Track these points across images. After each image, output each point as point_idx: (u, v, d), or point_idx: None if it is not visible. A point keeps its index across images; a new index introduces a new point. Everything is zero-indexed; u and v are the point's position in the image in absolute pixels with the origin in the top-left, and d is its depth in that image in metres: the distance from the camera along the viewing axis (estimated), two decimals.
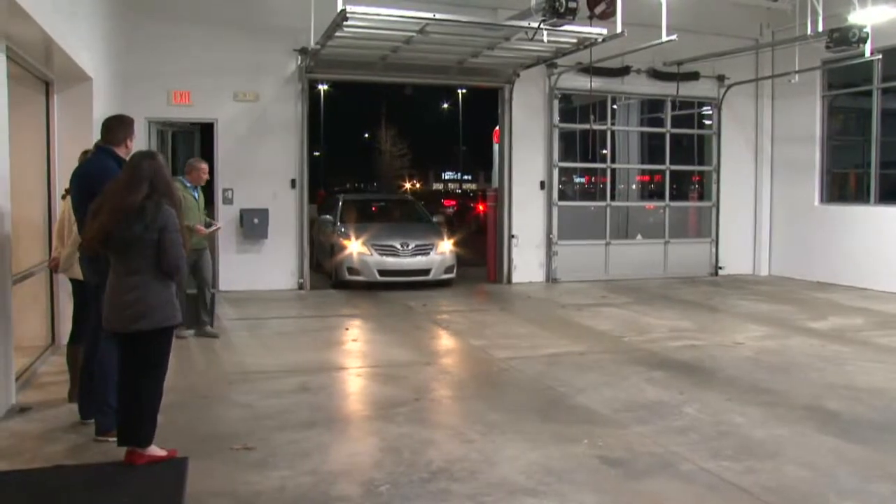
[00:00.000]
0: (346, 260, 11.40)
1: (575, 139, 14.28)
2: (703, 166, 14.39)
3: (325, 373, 6.72)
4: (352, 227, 11.98)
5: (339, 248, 11.61)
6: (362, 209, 13.58)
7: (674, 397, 5.96)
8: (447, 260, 11.71)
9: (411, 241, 11.58)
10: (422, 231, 12.17)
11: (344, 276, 11.44)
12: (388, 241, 11.49)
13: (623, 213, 14.02)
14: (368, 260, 11.32)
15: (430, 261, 11.55)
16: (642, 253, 13.52)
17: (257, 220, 11.37)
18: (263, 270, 11.49)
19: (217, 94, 11.28)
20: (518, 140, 12.82)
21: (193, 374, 6.58)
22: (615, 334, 8.52)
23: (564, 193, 13.71)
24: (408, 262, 11.43)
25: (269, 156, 11.48)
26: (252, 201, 11.39)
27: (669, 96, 13.53)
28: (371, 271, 11.32)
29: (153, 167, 4.28)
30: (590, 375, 6.66)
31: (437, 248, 11.68)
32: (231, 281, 11.39)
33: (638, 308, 10.28)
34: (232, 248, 11.47)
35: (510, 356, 7.37)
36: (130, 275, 4.20)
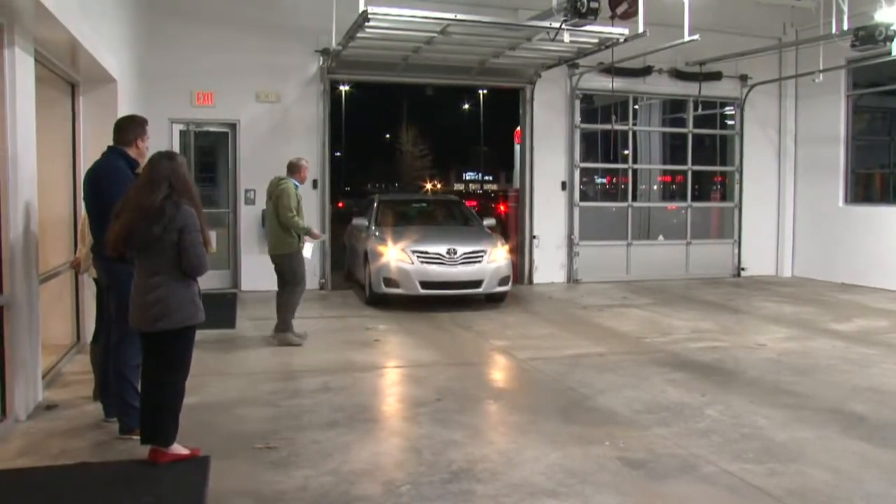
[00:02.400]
0: (383, 269, 9.76)
1: (596, 139, 14.20)
2: (725, 167, 14.26)
3: (346, 373, 6.71)
4: (389, 231, 10.45)
5: (374, 256, 9.97)
6: (401, 211, 11.88)
7: (696, 399, 5.91)
8: (501, 270, 9.94)
9: (459, 247, 9.86)
10: (471, 236, 10.47)
11: (380, 289, 9.80)
12: (433, 247, 9.83)
13: (645, 214, 13.93)
14: (409, 270, 9.63)
15: (481, 270, 9.80)
16: (664, 254, 13.42)
17: None
18: None
19: (239, 94, 11.34)
20: (539, 140, 12.77)
21: (215, 374, 6.61)
22: (637, 335, 8.47)
23: (586, 194, 13.65)
24: (456, 273, 9.70)
25: (291, 156, 11.26)
26: None
27: (691, 96, 13.42)
28: (412, 283, 9.65)
29: (171, 167, 4.29)
30: (611, 376, 6.63)
31: (489, 255, 9.90)
32: (253, 281, 11.41)
33: (660, 309, 10.22)
34: (254, 248, 11.50)
35: (532, 357, 7.35)
36: (152, 275, 4.23)
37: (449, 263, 9.71)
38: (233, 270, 11.56)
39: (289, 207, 7.70)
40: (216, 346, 7.66)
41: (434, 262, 9.70)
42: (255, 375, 6.62)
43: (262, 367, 6.97)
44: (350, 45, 10.31)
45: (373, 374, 6.74)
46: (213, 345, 7.66)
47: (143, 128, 5.01)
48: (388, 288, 9.75)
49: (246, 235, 11.50)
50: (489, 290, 9.87)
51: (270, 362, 7.15)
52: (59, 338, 6.95)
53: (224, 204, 11.68)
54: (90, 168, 4.97)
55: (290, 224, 7.73)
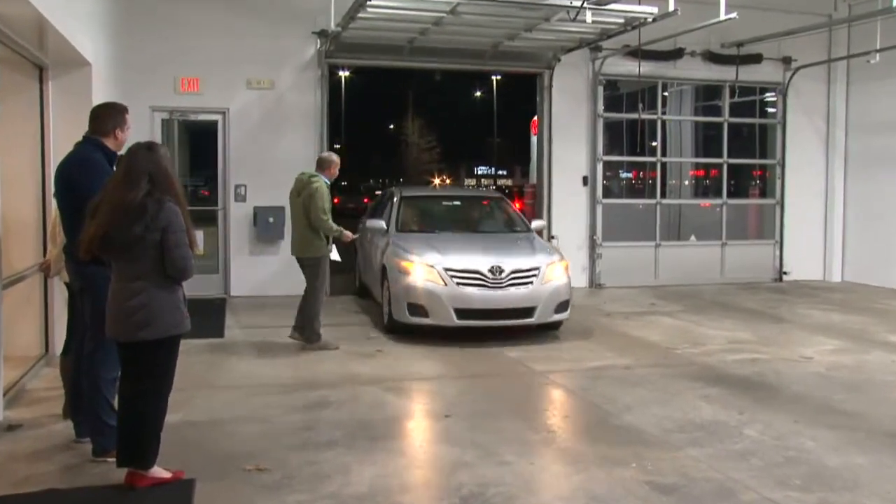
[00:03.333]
0: (407, 293, 8.36)
1: (621, 130, 14.15)
2: (765, 159, 14.17)
3: (346, 386, 6.70)
4: (414, 239, 9.09)
5: (395, 274, 8.56)
6: (428, 211, 10.55)
7: (733, 417, 5.87)
8: (560, 292, 8.54)
9: (506, 262, 8.40)
10: (520, 246, 9.08)
11: (403, 317, 8.41)
12: (472, 262, 8.37)
13: (675, 212, 13.86)
14: (441, 294, 8.22)
15: (534, 294, 8.34)
16: (696, 256, 13.35)
17: (272, 219, 11.40)
18: (279, 274, 11.45)
19: (229, 81, 11.35)
20: (558, 131, 12.73)
21: (202, 387, 6.59)
22: (666, 346, 8.43)
23: (610, 190, 13.59)
24: (501, 298, 8.25)
25: (286, 148, 11.50)
26: (267, 198, 11.39)
27: (728, 82, 13.34)
28: (444, 311, 8.22)
29: (152, 160, 4.26)
30: (638, 391, 6.60)
31: (544, 273, 8.45)
32: (243, 285, 11.44)
33: (692, 317, 10.17)
34: (244, 249, 11.53)
35: (550, 369, 7.33)
36: (133, 279, 4.21)
37: (493, 285, 8.23)
38: (222, 274, 11.57)
39: (322, 209, 7.88)
40: (203, 357, 7.64)
41: (474, 284, 8.23)
42: (246, 389, 6.60)
43: (253, 379, 6.96)
44: (350, 26, 10.30)
45: (375, 388, 6.71)
46: (199, 355, 7.63)
47: (123, 116, 4.97)
48: (413, 317, 8.36)
49: (236, 235, 11.50)
50: (543, 319, 8.45)
51: (263, 375, 7.14)
52: (25, 349, 6.85)
53: (212, 201, 11.69)
54: (62, 161, 4.92)
55: (323, 228, 7.93)
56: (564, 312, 8.68)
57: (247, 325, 9.45)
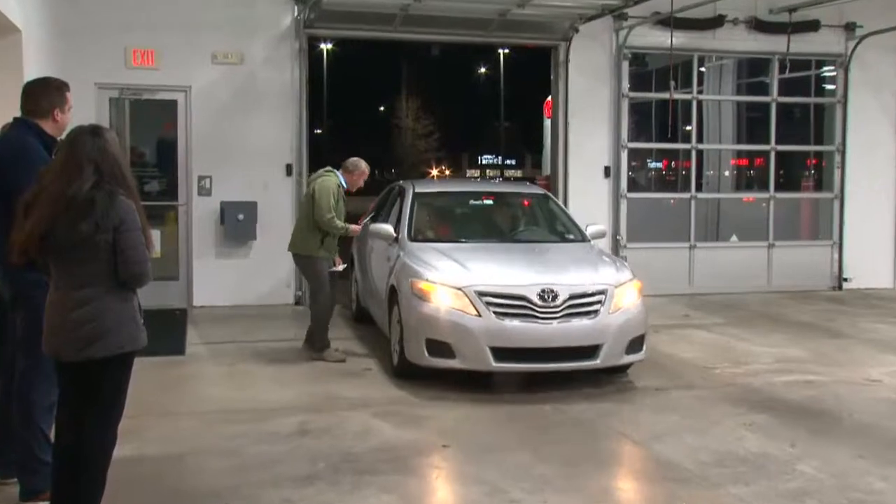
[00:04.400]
0: (426, 325, 7.39)
1: (650, 112, 14.13)
2: (822, 146, 14.13)
3: (329, 412, 6.69)
4: (434, 252, 8.12)
5: (408, 298, 7.61)
6: (452, 213, 9.78)
7: (783, 450, 5.84)
8: (633, 324, 7.58)
9: (560, 283, 7.41)
10: (576, 260, 8.22)
11: (420, 358, 7.42)
12: (515, 284, 7.40)
13: (713, 208, 13.84)
14: (473, 327, 7.20)
15: (599, 328, 7.36)
16: (738, 259, 13.30)
17: (243, 217, 11.37)
18: (250, 280, 11.47)
19: (190, 54, 11.30)
20: (576, 114, 12.70)
21: (158, 414, 6.55)
22: (703, 364, 8.41)
23: (636, 182, 13.57)
24: (555, 333, 7.26)
25: (258, 134, 11.49)
26: (236, 192, 11.39)
27: (777, 54, 13.30)
28: (478, 350, 7.19)
29: (98, 146, 4.20)
30: (670, 417, 6.58)
31: (612, 298, 7.51)
32: (209, 294, 11.39)
33: (733, 331, 10.15)
34: (209, 251, 11.49)
35: (566, 391, 7.30)
36: (78, 287, 4.15)
37: (543, 316, 7.23)
38: (183, 281, 11.53)
39: (327, 207, 8.23)
40: (160, 378, 7.58)
41: (518, 314, 7.24)
42: (211, 415, 6.57)
43: (220, 404, 6.93)
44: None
45: (362, 413, 6.69)
46: (155, 376, 7.55)
47: (63, 94, 4.91)
48: (434, 357, 7.34)
49: (201, 235, 11.47)
50: (611, 361, 7.46)
51: (231, 398, 7.11)
52: None
53: (170, 195, 11.64)
54: None
55: (328, 227, 8.30)
56: (639, 352, 7.63)
57: (212, 339, 9.42)
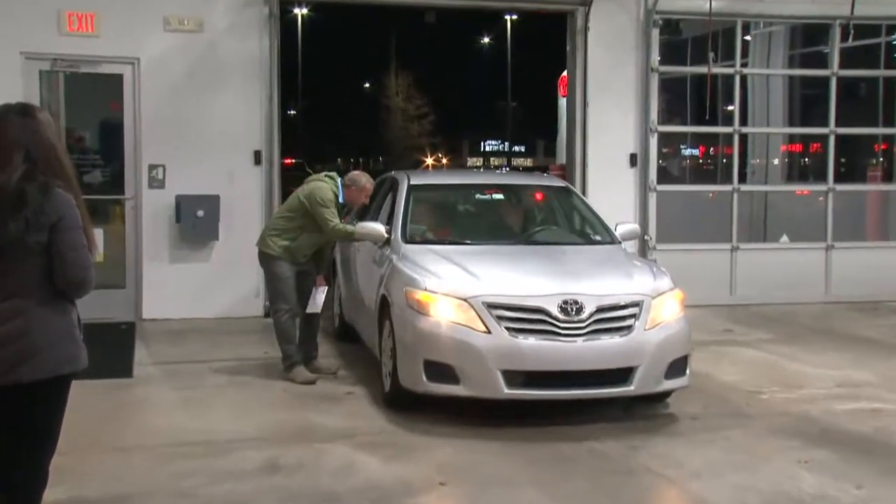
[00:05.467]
0: (424, 343, 7.34)
1: (684, 90, 14.15)
2: (892, 128, 14.18)
3: (303, 444, 6.69)
4: (434, 256, 8.11)
5: (403, 311, 7.60)
6: (454, 210, 9.88)
7: (847, 492, 5.82)
8: (675, 342, 7.47)
9: (586, 292, 7.34)
10: (604, 266, 8.30)
11: (417, 383, 7.34)
12: (530, 294, 7.35)
13: (759, 203, 13.90)
14: (481, 346, 7.12)
15: (633, 346, 7.26)
16: (790, 264, 13.29)
17: (202, 213, 11.37)
18: (211, 289, 11.47)
19: (138, 19, 11.28)
20: (597, 92, 12.71)
21: (99, 449, 6.51)
22: (748, 388, 8.41)
23: (667, 173, 13.59)
24: (580, 353, 7.18)
25: (221, 116, 11.50)
26: (194, 184, 11.37)
27: (838, 18, 13.30)
28: (487, 374, 7.11)
29: (29, 129, 4.17)
30: (710, 451, 6.59)
31: (648, 311, 7.41)
32: (161, 304, 11.38)
33: (783, 349, 10.15)
34: (163, 254, 11.48)
35: (584, 419, 7.28)
36: (5, 298, 4.12)
37: (565, 332, 7.13)
38: (131, 290, 11.52)
39: (331, 212, 8.49)
40: (102, 405, 7.56)
41: (534, 330, 7.16)
42: (163, 449, 6.54)
43: (173, 435, 6.90)
44: None
45: (344, 445, 6.68)
46: (96, 402, 7.51)
47: None
48: (434, 383, 7.26)
49: (152, 235, 11.47)
50: (648, 387, 7.34)
51: (187, 428, 7.08)
52: None
53: (115, 187, 11.62)
54: None
55: (337, 234, 8.70)
56: (682, 377, 7.50)
57: (165, 359, 9.41)
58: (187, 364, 9.15)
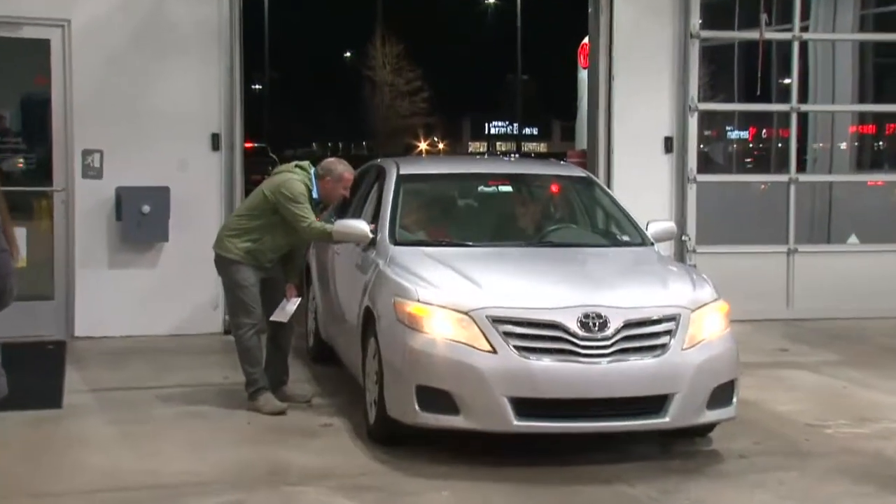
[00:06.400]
0: (416, 364, 7.40)
1: (731, 60, 14.16)
2: None
3: (270, 487, 6.72)
4: (429, 259, 8.24)
5: (391, 325, 7.69)
6: (452, 205, 10.01)
7: None
8: (718, 364, 7.52)
9: (610, 304, 7.44)
10: (633, 272, 8.56)
11: (408, 413, 7.42)
12: (543, 305, 7.43)
13: (823, 196, 13.96)
14: (484, 367, 7.16)
15: (668, 369, 7.34)
16: (860, 269, 13.33)
17: (148, 209, 11.38)
18: (160, 300, 11.49)
19: None
20: (625, 63, 12.77)
21: (25, 493, 6.49)
22: (808, 421, 8.43)
23: (710, 160, 13.64)
24: (602, 377, 7.25)
25: (171, 92, 11.53)
26: (138, 174, 11.40)
27: None
28: (492, 402, 7.17)
29: None
30: (761, 497, 6.61)
31: (687, 326, 7.49)
32: (98, 319, 11.42)
33: (852, 373, 10.19)
34: (100, 258, 11.51)
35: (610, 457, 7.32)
36: None
37: (587, 351, 7.19)
38: (61, 302, 11.54)
39: (302, 214, 8.44)
40: (26, 442, 7.58)
41: (549, 349, 7.23)
42: (100, 496, 6.54)
43: (111, 478, 6.89)
44: None
45: (320, 488, 6.70)
46: (20, 438, 7.57)
47: None
48: (428, 412, 7.32)
49: (87, 236, 11.50)
50: (686, 419, 7.39)
51: (129, 469, 7.08)
52: None
53: (40, 177, 11.68)
54: None
55: (311, 234, 8.64)
56: (727, 406, 7.53)
57: (103, 385, 9.41)
58: (130, 391, 9.17)
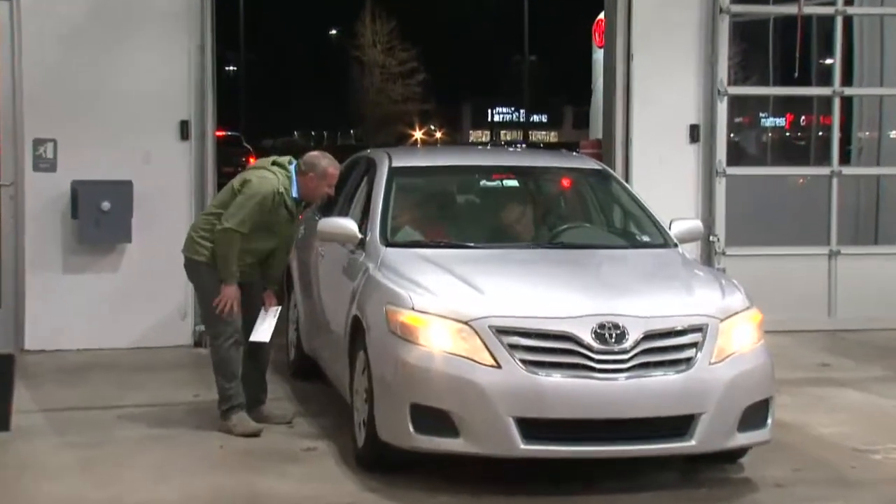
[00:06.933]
0: (411, 380, 7.47)
1: (765, 38, 14.15)
2: None
3: None
4: (425, 263, 8.31)
5: (382, 336, 7.74)
6: (451, 201, 10.18)
7: None
8: (751, 380, 7.58)
9: (629, 313, 7.48)
10: (654, 276, 8.70)
11: (401, 435, 7.45)
12: (553, 314, 7.46)
13: (869, 191, 14.02)
14: (486, 384, 7.20)
15: (694, 386, 7.37)
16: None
17: (109, 206, 11.38)
18: (123, 308, 11.52)
19: None
20: (645, 40, 12.80)
21: None
22: (852, 445, 8.44)
23: (741, 150, 13.63)
24: (620, 395, 7.30)
25: (134, 74, 11.56)
26: (97, 167, 11.42)
27: None
28: (496, 423, 7.22)
29: None
30: None
31: (715, 337, 7.53)
32: (51, 330, 11.43)
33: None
34: (53, 261, 11.53)
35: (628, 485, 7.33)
36: None
37: (603, 366, 7.23)
38: (9, 310, 11.54)
39: (241, 219, 8.44)
40: None
41: (560, 363, 7.27)
42: None
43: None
44: None
45: None
46: None
47: None
48: (424, 434, 7.35)
49: (38, 235, 11.52)
50: (716, 442, 7.42)
51: (87, 498, 7.09)
52: None
53: None
54: None
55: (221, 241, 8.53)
56: (761, 428, 7.56)
57: (57, 404, 9.44)
58: (87, 411, 9.17)
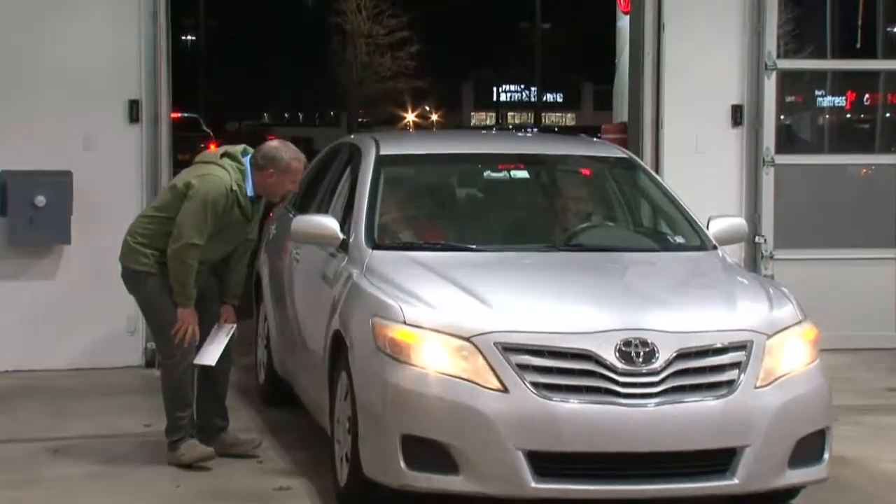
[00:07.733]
0: (402, 406, 7.45)
1: (822, 4, 14.14)
2: None
3: None
4: (416, 266, 8.40)
5: (368, 355, 7.74)
6: (448, 195, 10.31)
7: None
8: (803, 408, 7.57)
9: (657, 326, 7.47)
10: (689, 284, 8.83)
11: (390, 472, 7.47)
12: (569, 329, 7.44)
13: None
14: (491, 412, 7.18)
15: (736, 413, 7.34)
16: None
17: (44, 201, 11.47)
18: (60, 321, 11.56)
19: None
20: (679, 5, 12.86)
21: None
22: None
23: (793, 135, 13.63)
24: (648, 424, 7.26)
25: (74, 45, 11.65)
26: (28, 155, 11.53)
27: None
28: (503, 457, 7.19)
29: None
30: None
31: (759, 357, 7.51)
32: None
33: None
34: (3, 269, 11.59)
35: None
36: None
37: (629, 390, 7.21)
38: None
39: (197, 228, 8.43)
40: None
41: (580, 386, 7.25)
42: None
43: None
44: None
45: None
46: None
47: None
48: (417, 472, 7.35)
49: None
50: (762, 481, 7.39)
51: None
52: None
53: None
54: None
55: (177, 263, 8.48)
56: (817, 465, 7.56)
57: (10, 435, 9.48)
58: (17, 444, 9.22)
